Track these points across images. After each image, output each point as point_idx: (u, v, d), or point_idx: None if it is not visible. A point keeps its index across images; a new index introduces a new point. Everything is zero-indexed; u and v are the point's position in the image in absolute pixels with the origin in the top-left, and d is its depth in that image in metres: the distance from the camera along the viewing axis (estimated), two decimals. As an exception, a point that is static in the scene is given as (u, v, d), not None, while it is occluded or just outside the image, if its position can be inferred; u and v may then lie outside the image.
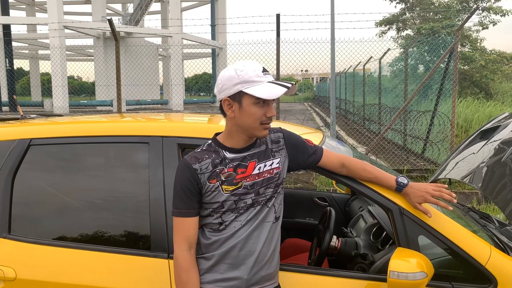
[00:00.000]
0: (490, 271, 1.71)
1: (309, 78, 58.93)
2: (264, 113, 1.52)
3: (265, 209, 1.58)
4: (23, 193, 1.94)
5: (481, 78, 19.06)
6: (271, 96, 1.48)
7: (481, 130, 3.01)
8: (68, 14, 31.26)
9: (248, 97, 1.49)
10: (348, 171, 1.80)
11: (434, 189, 1.73)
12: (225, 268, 1.55)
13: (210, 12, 30.83)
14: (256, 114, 1.51)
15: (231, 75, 1.50)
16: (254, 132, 1.55)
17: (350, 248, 2.13)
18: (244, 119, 1.52)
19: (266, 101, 1.51)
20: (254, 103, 1.50)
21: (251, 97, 1.49)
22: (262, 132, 1.55)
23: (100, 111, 21.93)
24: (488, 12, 20.15)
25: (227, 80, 1.51)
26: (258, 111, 1.51)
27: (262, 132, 1.55)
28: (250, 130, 1.55)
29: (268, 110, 1.52)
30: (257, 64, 1.53)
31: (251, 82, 1.48)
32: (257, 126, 1.53)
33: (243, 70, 1.49)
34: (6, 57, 22.23)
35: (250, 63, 1.53)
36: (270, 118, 1.54)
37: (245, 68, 1.50)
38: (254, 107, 1.50)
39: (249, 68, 1.50)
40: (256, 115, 1.51)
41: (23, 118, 2.81)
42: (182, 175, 1.55)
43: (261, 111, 1.51)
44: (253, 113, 1.51)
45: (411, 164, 7.54)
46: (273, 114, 1.54)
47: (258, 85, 1.48)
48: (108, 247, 1.84)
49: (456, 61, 7.20)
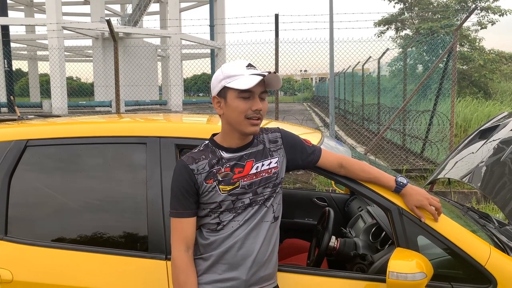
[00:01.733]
0: (490, 271, 1.70)
1: (308, 78, 58.98)
2: (250, 107, 1.50)
3: (263, 209, 1.57)
4: (20, 194, 1.93)
5: (480, 78, 19.06)
6: (247, 85, 1.47)
7: (480, 130, 3.00)
8: (66, 14, 31.19)
9: (232, 91, 1.50)
10: (346, 172, 1.79)
11: (434, 199, 1.73)
12: (223, 269, 1.54)
13: (208, 13, 30.83)
14: (240, 107, 1.50)
15: (218, 74, 1.55)
16: (241, 128, 1.53)
17: (349, 248, 2.12)
18: (230, 114, 1.52)
19: (252, 95, 1.50)
20: (237, 96, 1.50)
21: (234, 90, 1.50)
22: (249, 128, 1.53)
23: (99, 111, 21.91)
24: (486, 12, 20.16)
25: (215, 80, 1.55)
26: (241, 104, 1.50)
27: (249, 128, 1.52)
28: (237, 126, 1.53)
29: (253, 103, 1.51)
30: (243, 61, 1.56)
31: (233, 76, 1.50)
32: (242, 120, 1.51)
33: (228, 67, 1.53)
34: (5, 58, 22.19)
35: (236, 61, 1.56)
36: (256, 112, 1.51)
37: (229, 65, 1.54)
38: (237, 100, 1.50)
39: (232, 64, 1.54)
40: (240, 108, 1.50)
41: (20, 119, 2.80)
42: (179, 175, 1.55)
43: (245, 104, 1.50)
44: (237, 107, 1.50)
45: (410, 164, 7.54)
46: (258, 108, 1.51)
47: (239, 78, 1.49)
48: (105, 249, 1.83)
49: (455, 60, 7.20)
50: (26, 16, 31.22)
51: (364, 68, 13.43)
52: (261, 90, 1.52)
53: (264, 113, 1.55)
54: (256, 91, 1.51)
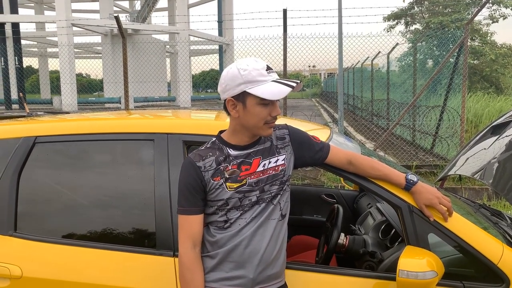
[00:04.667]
0: (502, 269, 1.67)
1: (316, 73, 58.71)
2: (269, 113, 1.49)
3: (270, 206, 1.56)
4: (29, 190, 1.94)
5: (491, 73, 18.82)
6: (276, 96, 1.45)
7: (492, 125, 2.95)
8: (76, 11, 31.40)
9: (253, 97, 1.46)
10: (355, 169, 1.76)
11: (445, 198, 1.70)
12: (230, 267, 1.54)
13: (217, 8, 30.79)
14: (261, 114, 1.48)
15: (235, 74, 1.47)
16: (258, 131, 1.53)
17: (358, 245, 2.10)
18: (249, 119, 1.50)
19: (271, 101, 1.48)
20: (259, 103, 1.47)
21: (255, 97, 1.45)
22: (267, 131, 1.54)
23: (108, 108, 22.05)
24: (498, 6, 19.87)
25: (230, 80, 1.48)
26: (262, 111, 1.48)
27: (267, 131, 1.54)
28: (254, 129, 1.53)
29: (273, 109, 1.49)
30: (261, 62, 1.49)
31: (255, 82, 1.45)
32: (261, 125, 1.51)
33: (246, 69, 1.45)
34: (15, 55, 22.39)
35: (253, 61, 1.48)
36: (275, 117, 1.51)
37: (248, 67, 1.46)
38: (258, 107, 1.47)
39: (252, 67, 1.46)
40: (261, 115, 1.48)
41: (29, 115, 2.82)
42: (186, 173, 1.54)
43: (265, 111, 1.48)
44: (258, 114, 1.48)
45: (420, 160, 7.46)
46: (278, 113, 1.51)
47: (262, 85, 1.45)
48: (113, 245, 1.84)
49: (465, 55, 7.10)
50: (36, 13, 31.45)
51: (373, 63, 13.32)
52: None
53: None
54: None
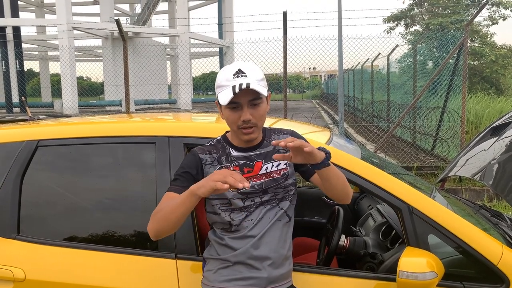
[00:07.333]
0: (502, 270, 1.68)
1: (317, 75, 58.73)
2: (239, 117, 1.49)
3: (275, 209, 1.57)
4: (32, 194, 1.96)
5: (491, 74, 18.81)
6: (223, 101, 1.44)
7: (492, 127, 2.96)
8: (76, 15, 31.46)
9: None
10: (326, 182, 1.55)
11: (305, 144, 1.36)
12: (243, 269, 1.54)
13: (217, 11, 30.85)
14: (230, 117, 1.50)
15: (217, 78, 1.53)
16: (237, 135, 1.55)
17: (359, 247, 2.11)
18: (227, 123, 1.54)
19: (238, 105, 1.48)
20: (226, 107, 1.49)
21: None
22: (243, 136, 1.52)
23: (109, 111, 22.07)
24: (498, 7, 19.88)
25: (215, 84, 1.54)
26: (231, 115, 1.50)
27: (243, 136, 1.53)
28: (234, 133, 1.55)
29: (241, 114, 1.48)
30: (234, 67, 1.49)
31: (221, 87, 1.48)
32: (236, 130, 1.52)
33: (220, 74, 1.50)
34: (16, 58, 22.47)
35: (230, 66, 1.51)
36: (245, 122, 1.48)
37: (222, 72, 1.51)
38: (226, 111, 1.50)
39: (223, 72, 1.50)
40: (230, 118, 1.50)
41: (31, 119, 2.83)
42: (187, 160, 1.57)
43: (234, 115, 1.49)
44: (227, 117, 1.51)
45: (420, 161, 7.47)
46: (246, 118, 1.47)
47: (224, 90, 1.47)
48: (116, 248, 1.85)
49: (465, 56, 7.11)
50: (37, 17, 31.55)
51: (373, 64, 13.34)
52: (250, 98, 1.47)
53: (259, 119, 1.51)
54: (242, 101, 1.47)
